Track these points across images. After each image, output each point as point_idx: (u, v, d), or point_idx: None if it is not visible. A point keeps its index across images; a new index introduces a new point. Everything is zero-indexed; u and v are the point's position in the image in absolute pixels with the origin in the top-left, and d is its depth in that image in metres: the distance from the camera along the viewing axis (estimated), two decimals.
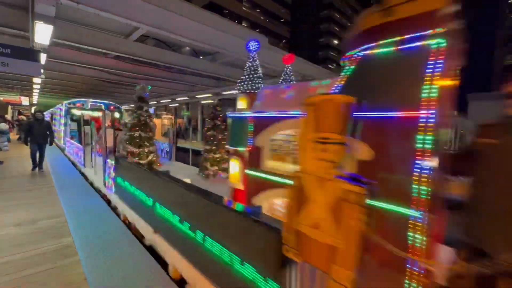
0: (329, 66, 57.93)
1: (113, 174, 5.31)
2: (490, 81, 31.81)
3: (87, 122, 10.67)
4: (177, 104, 25.83)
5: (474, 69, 41.47)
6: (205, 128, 7.25)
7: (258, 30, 45.00)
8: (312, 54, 53.88)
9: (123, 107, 17.15)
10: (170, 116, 27.42)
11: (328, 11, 58.70)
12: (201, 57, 12.34)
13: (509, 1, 31.13)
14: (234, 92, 17.05)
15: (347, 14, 64.99)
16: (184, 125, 26.27)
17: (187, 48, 11.46)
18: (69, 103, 13.16)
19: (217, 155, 7.08)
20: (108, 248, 3.28)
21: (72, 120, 12.67)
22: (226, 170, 6.78)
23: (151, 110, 6.42)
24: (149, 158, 6.11)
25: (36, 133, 7.39)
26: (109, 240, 3.49)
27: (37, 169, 7.62)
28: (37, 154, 7.60)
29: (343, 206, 1.39)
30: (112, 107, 14.54)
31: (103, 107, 13.47)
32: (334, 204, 1.44)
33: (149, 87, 6.97)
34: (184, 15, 7.27)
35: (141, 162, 5.84)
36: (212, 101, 21.22)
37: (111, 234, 3.70)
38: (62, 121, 13.27)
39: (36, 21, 5.81)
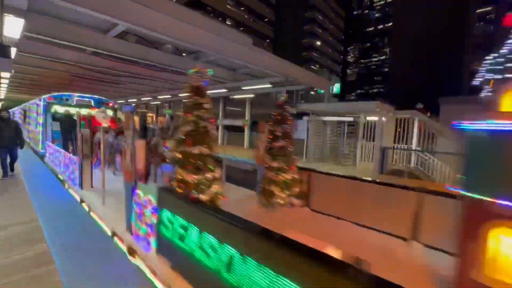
0: (312, 67, 58.98)
1: (152, 219, 3.11)
2: (460, 85, 34.04)
3: (73, 123, 8.85)
4: (159, 102, 25.23)
5: (446, 74, 44.09)
6: (269, 137, 5.10)
7: (242, 28, 44.88)
8: (295, 55, 54.57)
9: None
10: (151, 114, 26.75)
11: (311, 12, 59.68)
12: (184, 54, 12.16)
13: (476, 11, 33.44)
14: (218, 91, 16.94)
15: (329, 17, 66.43)
16: (167, 123, 25.72)
17: (169, 45, 11.24)
18: (50, 98, 10.51)
19: (288, 176, 4.96)
20: (87, 255, 3.18)
21: (54, 119, 10.18)
22: (299, 196, 5.03)
23: (129, 108, 3.88)
24: (213, 189, 3.69)
25: (3, 135, 6.79)
26: (88, 247, 3.38)
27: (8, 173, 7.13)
28: (8, 159, 7.07)
29: None
30: (110, 104, 11.51)
31: (92, 102, 11.14)
32: None
33: (211, 71, 3.92)
34: (165, 13, 7.13)
35: (201, 196, 3.51)
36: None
37: (90, 240, 3.59)
38: (40, 120, 10.55)
39: (6, 14, 5.46)
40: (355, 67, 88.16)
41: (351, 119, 11.54)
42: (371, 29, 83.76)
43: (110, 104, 11.47)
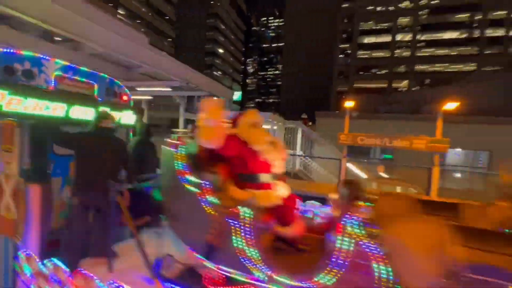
0: (215, 73, 60.15)
1: None
2: (330, 102, 43.60)
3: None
4: None
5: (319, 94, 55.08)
6: None
7: (138, 21, 40.76)
8: (198, 59, 54.20)
9: None
10: None
11: (214, 20, 60.98)
12: (57, 39, 9.83)
13: (340, 46, 43.84)
14: None
15: (231, 28, 69.89)
16: None
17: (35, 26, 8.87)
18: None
19: None
20: None
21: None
22: None
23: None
24: None
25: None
26: None
27: None
28: None
29: None
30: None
31: (95, 88, 3.19)
32: None
33: None
34: None
35: None
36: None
37: None
38: None
39: None
40: (255, 78, 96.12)
41: None
42: (267, 45, 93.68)
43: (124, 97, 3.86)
